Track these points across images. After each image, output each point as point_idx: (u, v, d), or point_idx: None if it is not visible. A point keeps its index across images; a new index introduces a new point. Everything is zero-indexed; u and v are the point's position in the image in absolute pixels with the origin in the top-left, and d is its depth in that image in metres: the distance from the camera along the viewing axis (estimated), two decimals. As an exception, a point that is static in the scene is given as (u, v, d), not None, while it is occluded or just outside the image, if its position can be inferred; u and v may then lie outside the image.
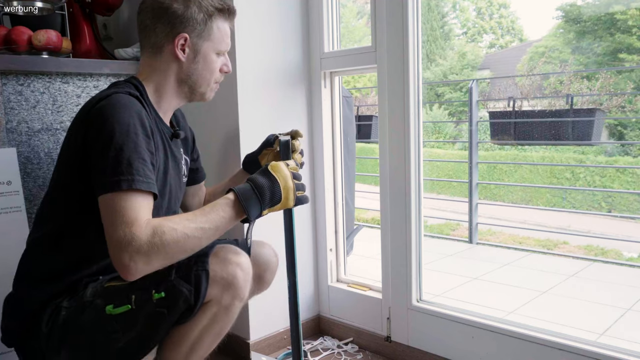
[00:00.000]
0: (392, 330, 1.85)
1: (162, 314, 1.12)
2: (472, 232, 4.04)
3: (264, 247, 1.48)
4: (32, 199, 1.62)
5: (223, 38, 1.29)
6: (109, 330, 1.13)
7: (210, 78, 1.30)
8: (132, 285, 1.11)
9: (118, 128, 1.08)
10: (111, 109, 1.11)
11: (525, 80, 4.30)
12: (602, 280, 3.21)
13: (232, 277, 1.15)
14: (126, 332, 1.13)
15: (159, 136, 1.23)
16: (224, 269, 1.15)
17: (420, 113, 1.73)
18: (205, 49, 1.27)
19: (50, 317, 1.16)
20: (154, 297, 1.12)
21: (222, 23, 1.28)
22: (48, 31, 1.66)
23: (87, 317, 1.14)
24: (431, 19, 10.82)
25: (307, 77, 1.98)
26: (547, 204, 5.99)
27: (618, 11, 7.54)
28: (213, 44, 1.27)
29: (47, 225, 1.21)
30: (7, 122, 1.57)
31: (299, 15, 1.94)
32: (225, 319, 1.19)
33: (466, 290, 2.92)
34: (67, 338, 1.15)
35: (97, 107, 1.13)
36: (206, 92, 1.32)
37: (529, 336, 1.54)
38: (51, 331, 1.16)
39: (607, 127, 6.25)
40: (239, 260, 1.18)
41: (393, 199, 1.78)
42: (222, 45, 1.29)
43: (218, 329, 1.21)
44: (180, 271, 1.13)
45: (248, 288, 1.20)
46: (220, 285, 1.15)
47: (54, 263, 1.20)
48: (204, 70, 1.28)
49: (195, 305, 1.13)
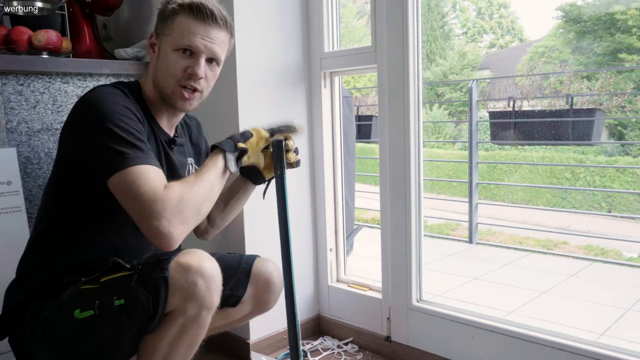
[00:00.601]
0: (392, 330, 1.85)
1: (122, 321, 1.09)
2: (472, 232, 4.04)
3: (266, 265, 1.44)
4: (32, 199, 1.62)
5: (183, 33, 1.19)
6: (76, 334, 1.12)
7: (170, 78, 1.21)
8: (99, 290, 1.10)
9: (103, 112, 1.11)
10: (95, 98, 1.15)
11: (525, 80, 4.30)
12: (602, 280, 3.21)
13: (192, 286, 1.08)
14: (91, 338, 1.11)
15: (152, 139, 1.24)
16: (183, 277, 1.08)
17: (420, 113, 1.73)
18: (164, 44, 1.22)
19: (32, 316, 1.16)
20: (115, 303, 1.08)
21: (185, 19, 1.20)
22: (48, 31, 1.67)
23: (60, 319, 1.13)
24: (431, 19, 10.83)
25: (307, 77, 1.98)
26: (547, 204, 5.99)
27: (618, 11, 7.54)
28: (171, 38, 1.21)
29: (37, 219, 1.25)
30: (7, 122, 1.57)
31: (299, 15, 1.94)
32: (195, 330, 1.14)
33: (466, 290, 2.92)
34: (47, 338, 1.15)
35: (80, 99, 1.17)
36: (172, 96, 1.23)
37: (529, 336, 1.54)
38: (33, 330, 1.16)
39: (607, 127, 6.25)
40: (202, 267, 1.10)
41: (393, 199, 1.78)
42: (181, 40, 1.19)
43: (190, 340, 1.15)
44: (141, 277, 1.09)
45: (215, 296, 1.12)
46: (180, 295, 1.08)
47: (35, 257, 1.22)
48: (163, 68, 1.22)
49: (155, 314, 1.08)
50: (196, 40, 1.20)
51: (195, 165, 1.43)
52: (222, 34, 1.25)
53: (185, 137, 1.42)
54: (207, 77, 1.25)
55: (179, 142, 1.35)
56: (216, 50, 1.23)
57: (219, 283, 1.14)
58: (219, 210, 1.49)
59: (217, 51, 1.24)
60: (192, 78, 1.22)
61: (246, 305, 1.43)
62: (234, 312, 1.43)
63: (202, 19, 1.21)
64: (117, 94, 1.17)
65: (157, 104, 1.27)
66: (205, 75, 1.23)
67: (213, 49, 1.23)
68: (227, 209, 1.49)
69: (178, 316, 1.11)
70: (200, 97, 1.27)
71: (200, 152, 1.48)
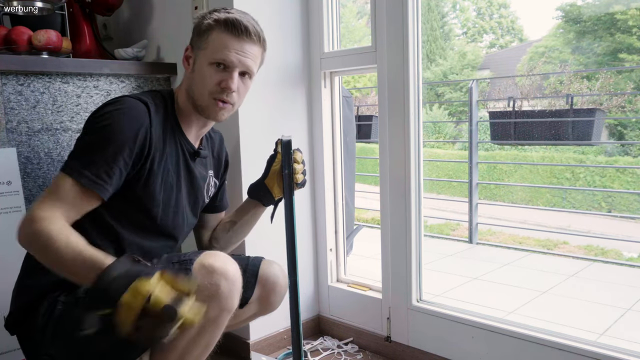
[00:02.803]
0: (392, 330, 1.85)
1: None
2: (472, 232, 4.04)
3: (272, 267, 1.45)
4: (32, 199, 1.62)
5: (218, 48, 1.23)
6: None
7: (204, 90, 1.25)
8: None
9: (103, 124, 1.15)
10: (110, 107, 1.18)
11: (525, 80, 4.30)
12: (602, 280, 3.22)
13: (215, 288, 1.10)
14: (108, 334, 1.12)
15: (173, 148, 1.27)
16: (207, 278, 1.10)
17: (420, 113, 1.73)
18: (200, 58, 1.26)
19: (47, 310, 1.17)
20: None
21: (220, 34, 1.24)
22: (48, 31, 1.67)
23: (77, 315, 1.14)
24: (431, 19, 10.83)
25: (307, 77, 1.98)
26: (547, 204, 5.99)
27: (618, 11, 7.54)
28: (206, 52, 1.25)
29: None
30: (7, 122, 1.57)
31: (299, 15, 1.94)
32: (213, 331, 1.16)
33: (466, 290, 2.92)
34: (60, 333, 1.16)
35: (101, 105, 1.20)
36: (206, 107, 1.26)
37: (529, 336, 1.54)
38: (46, 324, 1.16)
39: (607, 127, 6.26)
40: (226, 269, 1.12)
41: (393, 199, 1.78)
42: (216, 54, 1.23)
43: (207, 340, 1.17)
44: None
45: (236, 298, 1.15)
46: (203, 296, 1.08)
47: None
48: (198, 81, 1.26)
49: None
50: (230, 54, 1.24)
51: (214, 179, 1.45)
52: (256, 48, 1.28)
53: (209, 150, 1.44)
54: (240, 90, 1.29)
55: (203, 155, 1.37)
56: (249, 64, 1.27)
57: (240, 286, 1.15)
58: (224, 231, 1.51)
59: (250, 65, 1.27)
60: (225, 91, 1.25)
61: (252, 306, 1.44)
62: (241, 312, 1.44)
63: (236, 34, 1.24)
64: (133, 115, 1.18)
65: (188, 114, 1.31)
66: (237, 89, 1.27)
67: (247, 63, 1.26)
68: (234, 230, 1.51)
69: None
70: (232, 109, 1.30)
71: (220, 166, 1.49)
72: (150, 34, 2.06)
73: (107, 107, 1.19)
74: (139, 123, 1.18)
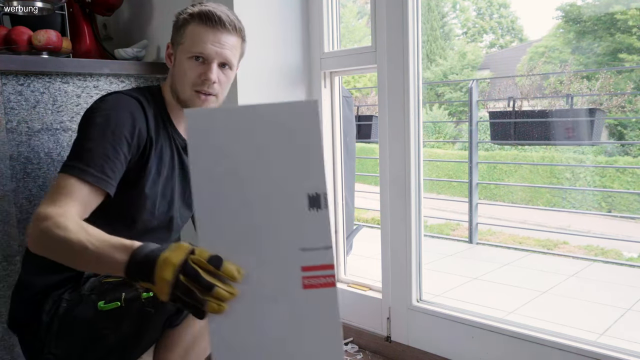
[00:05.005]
0: (392, 330, 1.85)
1: (149, 313, 1.11)
2: (472, 232, 4.05)
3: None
4: (32, 199, 1.62)
5: (195, 42, 1.24)
6: (100, 326, 1.14)
7: (185, 84, 1.25)
8: (125, 283, 1.10)
9: (98, 120, 1.14)
10: (103, 104, 1.19)
11: (525, 80, 4.31)
12: (602, 280, 3.22)
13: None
14: (115, 330, 1.13)
15: (166, 142, 1.27)
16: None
17: (420, 113, 1.73)
18: (179, 53, 1.27)
19: (52, 308, 1.17)
20: (143, 296, 1.11)
21: (196, 27, 1.24)
22: (48, 31, 1.66)
23: (82, 312, 1.15)
24: (431, 19, 10.83)
25: (307, 77, 1.98)
26: (547, 204, 5.99)
27: (618, 11, 7.54)
28: (184, 47, 1.26)
29: None
30: (7, 122, 1.57)
31: (299, 15, 1.94)
32: None
33: (466, 290, 2.92)
34: (65, 330, 1.16)
35: (93, 103, 1.20)
36: (189, 100, 1.26)
37: (529, 336, 1.54)
38: (51, 321, 1.17)
39: (607, 127, 6.25)
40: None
41: (393, 199, 1.78)
42: (193, 48, 1.23)
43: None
44: None
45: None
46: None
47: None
48: (180, 75, 1.26)
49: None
50: (207, 47, 1.24)
51: None
52: (233, 38, 1.27)
53: None
54: (221, 81, 1.28)
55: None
56: (227, 54, 1.26)
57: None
58: None
59: (228, 55, 1.27)
60: (205, 83, 1.25)
61: None
62: None
63: (211, 25, 1.24)
64: (126, 108, 1.19)
65: (175, 108, 1.31)
66: (218, 79, 1.26)
67: (224, 54, 1.26)
68: None
69: None
70: (216, 101, 1.30)
71: None
72: (150, 34, 2.06)
73: (100, 104, 1.19)
74: (134, 117, 1.18)
